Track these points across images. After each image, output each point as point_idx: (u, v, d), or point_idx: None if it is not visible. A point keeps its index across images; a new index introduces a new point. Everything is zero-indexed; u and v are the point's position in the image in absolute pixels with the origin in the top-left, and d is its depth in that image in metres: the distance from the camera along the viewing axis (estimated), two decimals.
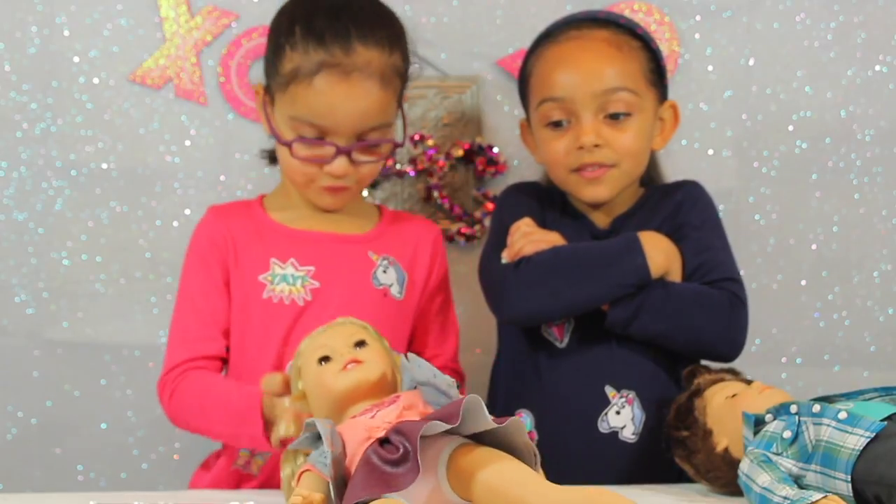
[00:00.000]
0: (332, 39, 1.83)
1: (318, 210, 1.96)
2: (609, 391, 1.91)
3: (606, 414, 1.90)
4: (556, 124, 1.97)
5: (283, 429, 1.60)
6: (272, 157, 2.04)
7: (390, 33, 1.89)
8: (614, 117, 1.95)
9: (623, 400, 1.91)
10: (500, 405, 1.99)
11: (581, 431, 1.90)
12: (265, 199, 2.00)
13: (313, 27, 1.85)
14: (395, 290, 1.95)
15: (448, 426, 1.35)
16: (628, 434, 1.90)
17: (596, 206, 2.02)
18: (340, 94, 1.83)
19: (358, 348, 1.57)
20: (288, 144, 1.88)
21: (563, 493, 1.31)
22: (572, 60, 1.97)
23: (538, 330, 1.96)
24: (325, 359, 1.56)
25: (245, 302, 1.90)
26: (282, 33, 1.88)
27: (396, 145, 1.94)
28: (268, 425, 1.73)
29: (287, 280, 1.90)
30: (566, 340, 1.94)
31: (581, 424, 1.90)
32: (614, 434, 1.90)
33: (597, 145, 1.94)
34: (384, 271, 1.95)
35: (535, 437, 1.86)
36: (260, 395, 1.74)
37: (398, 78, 1.90)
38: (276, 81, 1.88)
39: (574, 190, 2.00)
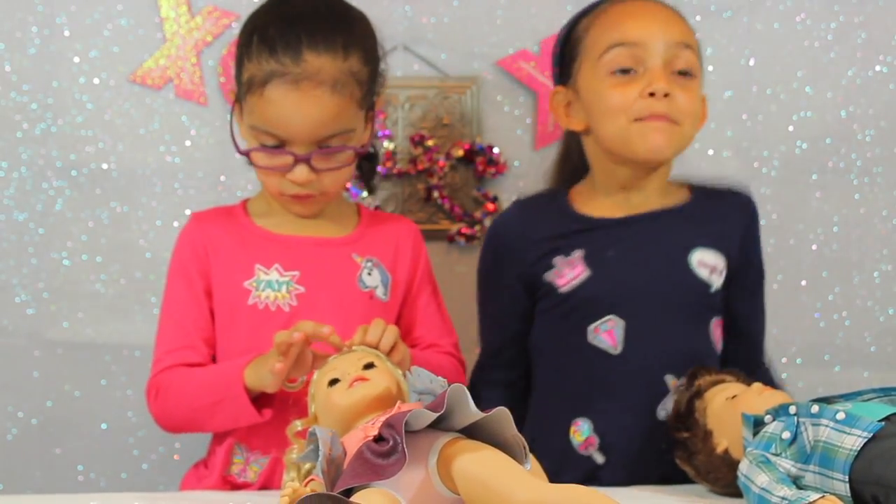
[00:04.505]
0: (282, 49, 1.82)
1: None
2: (669, 380, 1.91)
3: (665, 402, 1.90)
4: (625, 71, 1.91)
5: (294, 452, 1.61)
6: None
7: (346, 38, 1.86)
8: (682, 73, 1.91)
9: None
10: (547, 413, 1.98)
11: (639, 419, 1.91)
12: (248, 204, 1.99)
13: (267, 37, 1.84)
14: (380, 293, 1.93)
15: (434, 414, 1.37)
16: None
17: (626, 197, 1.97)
18: (291, 103, 1.82)
19: (366, 370, 1.60)
20: (245, 153, 1.88)
21: (548, 490, 1.30)
22: (643, 11, 1.93)
23: (585, 339, 1.93)
24: (335, 381, 1.59)
25: (231, 308, 1.89)
26: (243, 43, 1.89)
27: (358, 153, 1.91)
28: (252, 393, 1.76)
29: (272, 286, 1.88)
30: (620, 347, 1.93)
31: (640, 413, 1.91)
32: None
33: (667, 95, 1.88)
34: (369, 273, 1.93)
35: (596, 442, 1.91)
36: (244, 364, 1.76)
37: (356, 82, 1.86)
38: (239, 91, 1.89)
39: (634, 141, 1.91)
